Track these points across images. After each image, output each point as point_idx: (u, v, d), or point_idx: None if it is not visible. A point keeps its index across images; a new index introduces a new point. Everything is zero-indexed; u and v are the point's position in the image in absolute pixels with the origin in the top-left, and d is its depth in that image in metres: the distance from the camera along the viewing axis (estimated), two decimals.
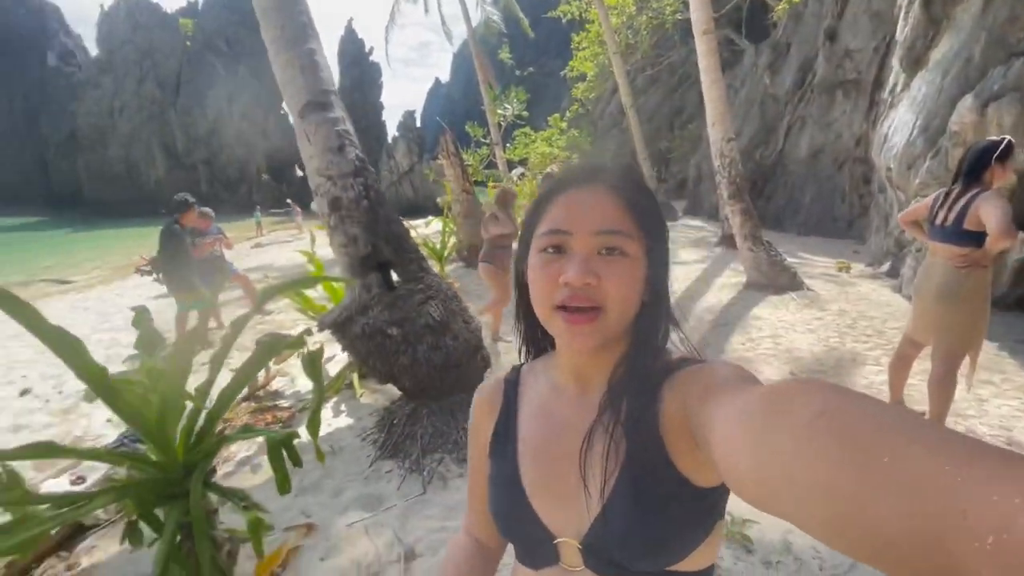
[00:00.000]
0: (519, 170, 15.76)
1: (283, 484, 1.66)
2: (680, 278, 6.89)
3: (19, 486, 1.56)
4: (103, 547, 2.09)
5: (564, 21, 19.24)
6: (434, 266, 4.36)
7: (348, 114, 2.91)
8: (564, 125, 21.99)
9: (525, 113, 15.89)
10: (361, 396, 3.45)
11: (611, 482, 0.54)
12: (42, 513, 1.51)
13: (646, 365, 0.55)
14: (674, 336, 0.60)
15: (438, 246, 8.16)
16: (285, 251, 13.77)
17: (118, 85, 35.38)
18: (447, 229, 9.06)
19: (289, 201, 23.60)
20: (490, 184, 13.25)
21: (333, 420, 3.16)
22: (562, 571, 0.60)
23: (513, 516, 0.61)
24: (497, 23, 18.75)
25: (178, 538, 1.67)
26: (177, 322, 5.42)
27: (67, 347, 1.45)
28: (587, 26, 19.04)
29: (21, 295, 1.37)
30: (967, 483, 0.22)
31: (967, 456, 0.24)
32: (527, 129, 19.51)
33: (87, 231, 26.62)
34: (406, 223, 3.24)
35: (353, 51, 42.78)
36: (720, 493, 0.54)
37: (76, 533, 2.24)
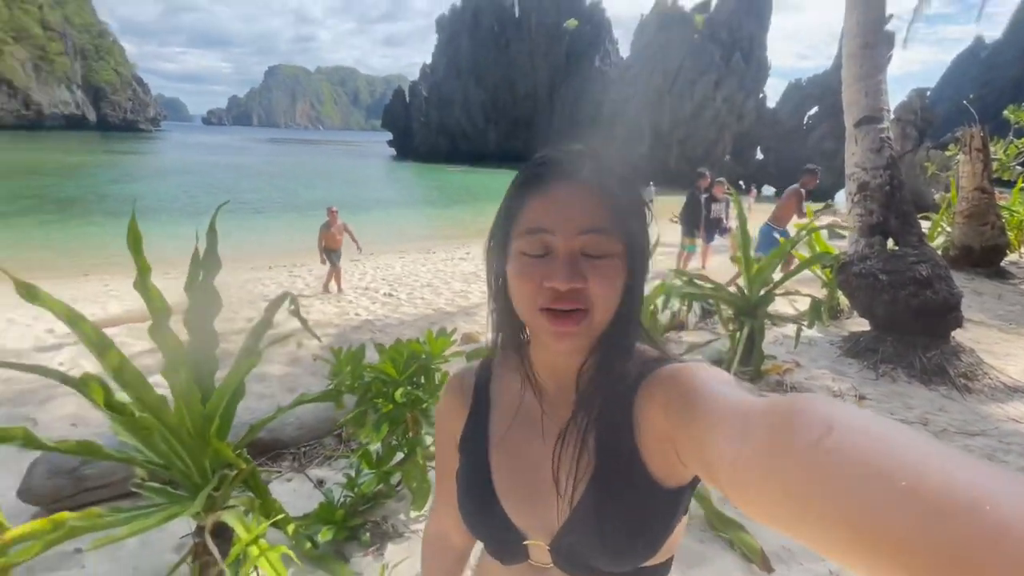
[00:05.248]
0: None
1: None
2: None
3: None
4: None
5: None
6: None
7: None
8: None
9: None
10: (828, 326, 4.79)
11: (581, 486, 0.54)
12: None
13: (619, 366, 0.54)
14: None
15: None
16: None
17: (635, 78, 44.83)
18: (935, 228, 8.47)
19: (741, 183, 24.49)
20: (1020, 183, 10.61)
21: (807, 331, 4.66)
22: (531, 568, 0.62)
23: (482, 516, 0.61)
24: None
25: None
26: (678, 255, 8.15)
27: None
28: None
29: None
30: (995, 508, 0.22)
31: (985, 477, 0.24)
32: None
33: None
34: None
35: None
36: (687, 491, 0.54)
37: None
